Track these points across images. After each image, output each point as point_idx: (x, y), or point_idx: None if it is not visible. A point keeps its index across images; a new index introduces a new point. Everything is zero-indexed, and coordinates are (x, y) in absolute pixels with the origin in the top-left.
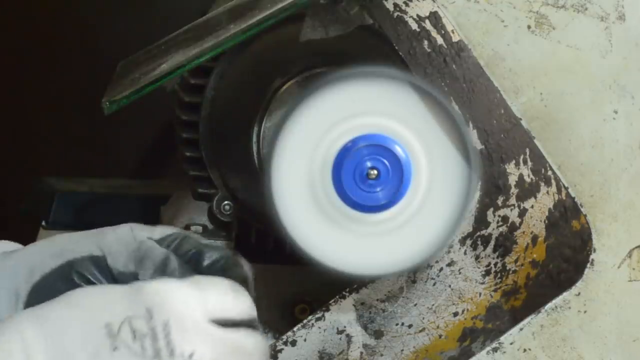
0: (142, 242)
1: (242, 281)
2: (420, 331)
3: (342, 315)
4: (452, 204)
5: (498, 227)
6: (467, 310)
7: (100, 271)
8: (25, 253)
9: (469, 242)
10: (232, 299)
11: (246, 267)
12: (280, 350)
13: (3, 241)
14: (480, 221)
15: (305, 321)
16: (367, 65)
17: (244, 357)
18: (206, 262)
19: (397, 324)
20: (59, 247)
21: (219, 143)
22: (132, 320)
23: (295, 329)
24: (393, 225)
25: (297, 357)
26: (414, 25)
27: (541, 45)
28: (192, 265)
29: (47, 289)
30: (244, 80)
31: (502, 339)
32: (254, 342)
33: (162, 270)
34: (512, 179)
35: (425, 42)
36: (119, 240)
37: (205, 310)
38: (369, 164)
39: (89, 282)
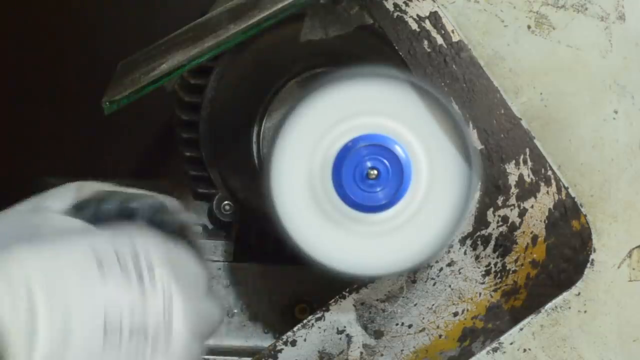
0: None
1: (180, 229)
2: (420, 331)
3: (342, 315)
4: (452, 204)
5: (498, 227)
6: (467, 310)
7: None
8: None
9: (469, 242)
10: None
11: (184, 214)
12: (280, 350)
13: None
14: (480, 221)
15: (305, 321)
16: (367, 65)
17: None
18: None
19: (397, 324)
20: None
21: (219, 143)
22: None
23: (295, 329)
24: (393, 225)
25: (297, 357)
26: (414, 25)
27: (541, 45)
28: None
29: None
30: (244, 80)
31: (502, 339)
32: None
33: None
34: (512, 179)
35: (425, 42)
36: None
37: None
38: (369, 164)
39: None
